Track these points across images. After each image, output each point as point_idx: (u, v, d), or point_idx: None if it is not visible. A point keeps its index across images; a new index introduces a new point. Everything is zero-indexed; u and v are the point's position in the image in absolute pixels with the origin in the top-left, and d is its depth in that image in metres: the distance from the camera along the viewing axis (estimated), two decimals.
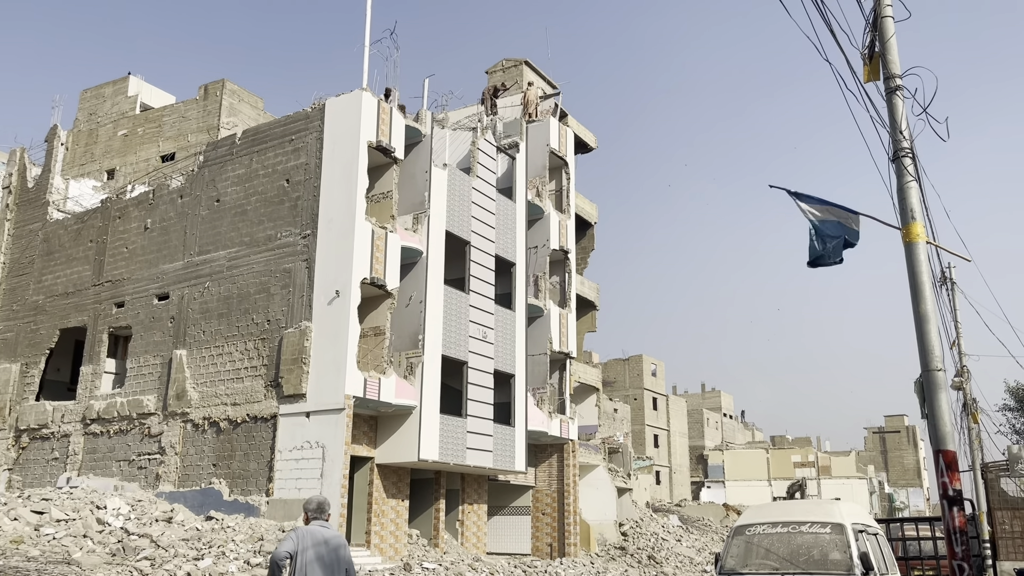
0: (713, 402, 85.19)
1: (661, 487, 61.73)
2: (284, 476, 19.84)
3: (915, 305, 7.37)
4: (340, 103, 21.87)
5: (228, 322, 22.34)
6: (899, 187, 7.69)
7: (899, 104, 7.73)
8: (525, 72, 31.74)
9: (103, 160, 33.51)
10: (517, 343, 25.17)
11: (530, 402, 25.52)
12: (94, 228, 26.77)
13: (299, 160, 22.21)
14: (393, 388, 20.49)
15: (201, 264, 23.47)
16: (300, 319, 20.81)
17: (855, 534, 9.60)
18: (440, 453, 21.24)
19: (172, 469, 22.04)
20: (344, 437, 19.27)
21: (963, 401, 22.49)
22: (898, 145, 7.68)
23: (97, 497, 20.30)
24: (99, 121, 34.56)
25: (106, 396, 24.42)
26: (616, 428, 48.58)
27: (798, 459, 73.28)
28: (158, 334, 23.81)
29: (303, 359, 20.30)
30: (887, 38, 7.91)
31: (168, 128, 32.13)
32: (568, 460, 27.35)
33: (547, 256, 27.54)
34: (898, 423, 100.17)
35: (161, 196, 25.32)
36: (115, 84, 35.10)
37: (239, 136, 24.03)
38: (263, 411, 20.82)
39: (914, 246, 7.44)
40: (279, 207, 22.27)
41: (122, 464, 23.24)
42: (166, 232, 24.72)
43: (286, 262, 21.63)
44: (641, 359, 63.66)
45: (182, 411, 22.37)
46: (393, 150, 21.87)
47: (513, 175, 26.64)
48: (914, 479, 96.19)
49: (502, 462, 23.57)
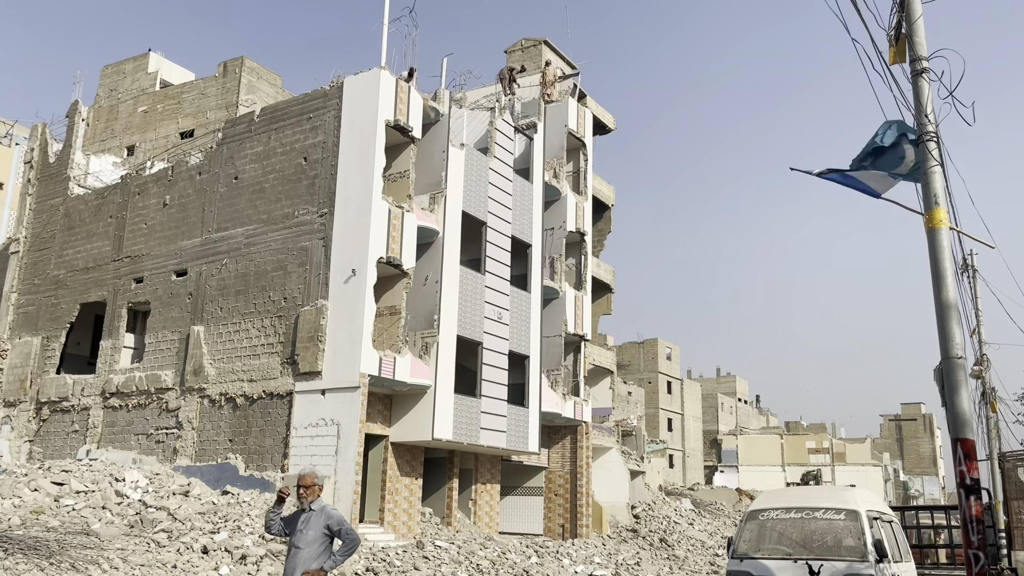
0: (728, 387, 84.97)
1: (674, 471, 61.80)
2: (299, 453, 19.99)
3: (937, 292, 7.27)
4: (358, 81, 21.80)
5: (245, 299, 22.46)
6: (923, 171, 7.59)
7: (925, 87, 7.60)
8: (544, 52, 31.49)
9: (123, 136, 33.65)
10: (532, 325, 25.15)
11: (544, 384, 25.53)
12: (114, 204, 26.92)
13: (317, 138, 22.19)
14: (408, 367, 20.55)
15: (219, 241, 23.58)
16: (316, 297, 20.88)
17: (870, 521, 9.56)
18: (454, 432, 21.33)
19: (189, 444, 22.26)
20: (359, 415, 19.37)
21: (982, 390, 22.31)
22: (923, 129, 7.55)
23: (116, 470, 20.58)
24: (119, 97, 34.68)
25: (125, 371, 24.67)
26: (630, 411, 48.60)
27: (813, 445, 73.07)
28: (176, 310, 23.98)
29: (319, 337, 20.38)
30: (914, 19, 7.75)
31: (187, 105, 32.19)
32: (581, 442, 27.39)
33: (563, 238, 27.44)
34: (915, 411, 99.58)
35: (180, 173, 25.41)
36: (135, 60, 35.18)
37: (257, 114, 24.02)
38: (279, 388, 20.96)
39: (937, 232, 7.34)
40: (296, 185, 22.29)
41: (140, 438, 23.50)
42: (184, 209, 24.83)
43: (303, 240, 21.68)
44: (656, 343, 63.53)
45: (199, 387, 22.56)
46: (410, 129, 21.80)
47: (530, 156, 26.50)
48: (930, 467, 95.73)
49: (515, 443, 23.64)
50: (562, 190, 27.70)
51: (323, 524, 6.94)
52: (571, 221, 27.78)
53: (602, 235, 34.92)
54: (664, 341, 64.39)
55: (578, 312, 27.59)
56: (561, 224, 27.53)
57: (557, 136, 28.21)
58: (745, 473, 70.97)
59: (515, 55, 31.78)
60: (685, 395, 66.57)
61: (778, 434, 77.20)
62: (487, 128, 24.71)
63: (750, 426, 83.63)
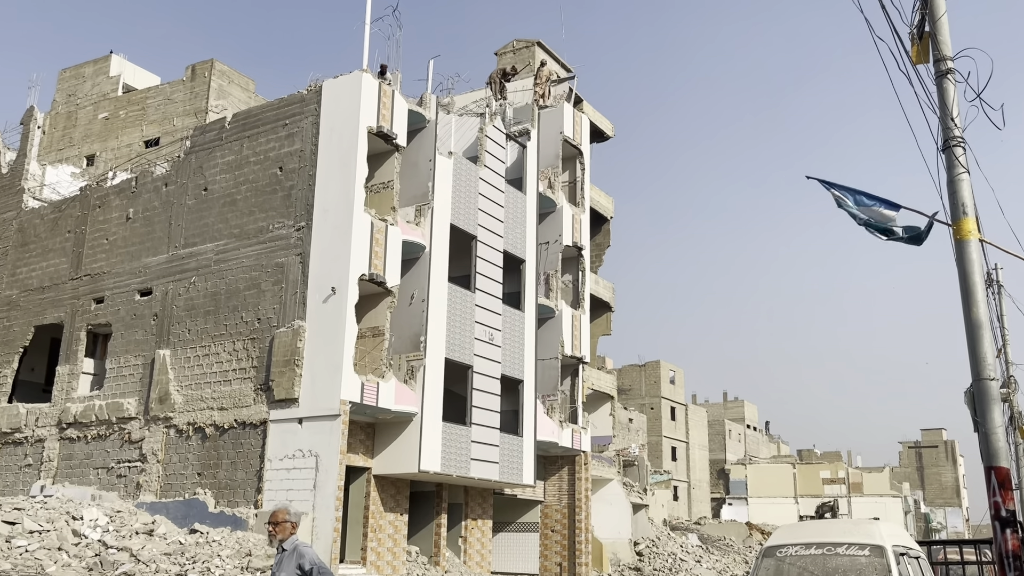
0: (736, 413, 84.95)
1: (679, 503, 61.62)
2: (274, 487, 19.84)
3: (966, 309, 7.28)
4: (338, 85, 21.85)
5: (215, 320, 22.36)
6: (949, 179, 7.62)
7: (950, 89, 7.65)
8: (537, 53, 31.69)
9: (82, 145, 33.57)
10: (526, 346, 25.13)
11: (539, 410, 25.47)
12: (72, 218, 26.81)
13: (293, 146, 22.22)
14: (392, 393, 20.47)
15: (187, 257, 23.50)
16: (293, 318, 20.82)
17: (896, 557, 9.51)
18: (442, 464, 21.21)
19: (154, 478, 22.07)
20: (339, 445, 19.25)
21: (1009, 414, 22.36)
22: (949, 133, 7.59)
23: (73, 507, 20.32)
24: (79, 103, 34.63)
25: (84, 399, 24.48)
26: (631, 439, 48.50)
27: (827, 475, 73.05)
28: (140, 332, 23.85)
29: (296, 361, 20.30)
30: (938, 17, 7.83)
31: (152, 111, 32.18)
32: (580, 473, 27.29)
33: (559, 253, 27.49)
34: (936, 437, 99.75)
35: (144, 184, 25.36)
36: (96, 63, 35.18)
37: (229, 120, 24.04)
38: (252, 416, 20.83)
39: (966, 244, 7.36)
40: (271, 197, 22.27)
41: (100, 472, 23.29)
42: (149, 223, 24.76)
43: (278, 256, 21.63)
44: (659, 365, 63.54)
45: (165, 416, 22.40)
46: (395, 136, 21.85)
47: (523, 165, 26.58)
48: (952, 498, 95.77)
49: (509, 475, 23.53)
50: (557, 201, 27.78)
51: (295, 564, 6.84)
52: (567, 235, 27.84)
53: (600, 250, 35.01)
54: (667, 364, 64.40)
55: (575, 333, 27.59)
56: (557, 238, 27.59)
57: (552, 144, 28.33)
58: (755, 505, 70.82)
59: (507, 57, 31.96)
60: (690, 422, 66.53)
61: (790, 463, 77.13)
62: (477, 135, 24.80)
63: (760, 455, 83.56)
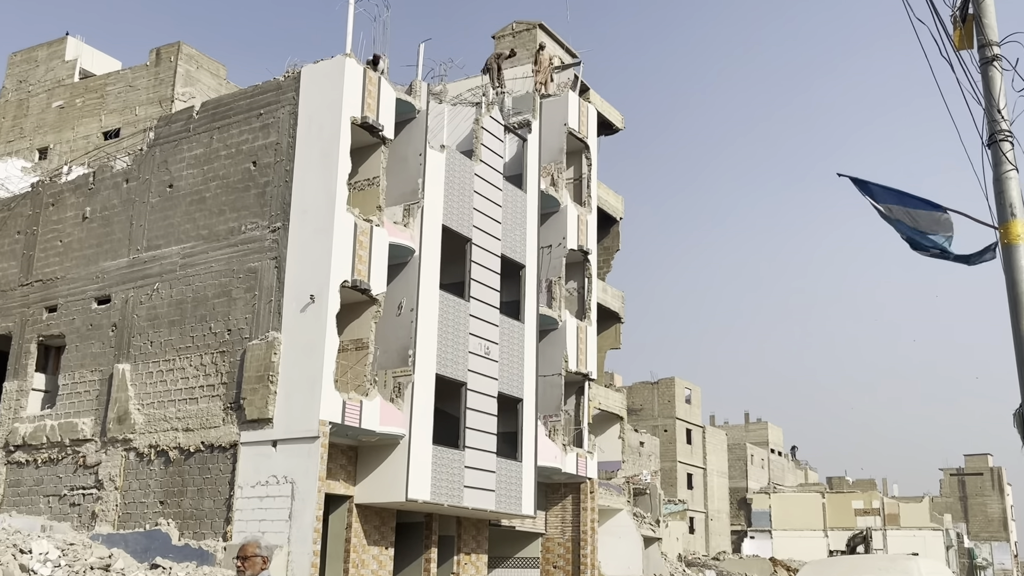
0: (759, 435, 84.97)
1: (696, 536, 61.55)
2: (245, 517, 19.79)
3: (1015, 320, 7.30)
4: (318, 71, 21.89)
5: (181, 331, 22.36)
6: (996, 177, 7.65)
7: (996, 77, 7.69)
8: (539, 37, 31.80)
9: (34, 136, 33.60)
10: (526, 361, 25.13)
11: (541, 432, 25.46)
12: (22, 217, 26.83)
13: (268, 139, 22.25)
14: (377, 413, 20.45)
15: (150, 262, 23.50)
16: (267, 329, 20.81)
17: None
18: (432, 492, 21.19)
19: (111, 507, 22.02)
20: (318, 471, 19.23)
21: None
22: (995, 127, 7.63)
23: (21, 539, 20.26)
24: (30, 90, 34.68)
25: (33, 418, 24.45)
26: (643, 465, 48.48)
27: (860, 505, 73.05)
28: (97, 345, 23.84)
29: (270, 377, 20.29)
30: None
31: (112, 99, 32.22)
32: (585, 503, 27.28)
33: (563, 257, 27.52)
34: (980, 463, 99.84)
35: (103, 180, 25.37)
36: (50, 46, 35.24)
37: (197, 110, 24.07)
38: (221, 438, 20.80)
39: (1014, 249, 7.38)
40: (244, 195, 22.30)
41: (51, 500, 23.23)
42: (108, 223, 24.77)
43: (251, 260, 21.64)
44: (673, 382, 63.59)
45: (124, 437, 22.37)
46: (381, 128, 21.88)
47: (524, 160, 26.64)
48: (999, 531, 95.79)
49: (506, 504, 23.51)
50: (561, 200, 27.82)
51: None
52: (572, 237, 27.87)
53: (609, 254, 35.04)
54: (683, 381, 64.46)
55: (581, 346, 27.59)
56: (560, 241, 27.61)
57: (555, 136, 28.37)
58: (780, 539, 70.76)
59: (505, 41, 32.07)
60: (708, 446, 66.52)
61: (819, 492, 77.15)
62: (472, 127, 24.84)
63: (785, 482, 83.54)
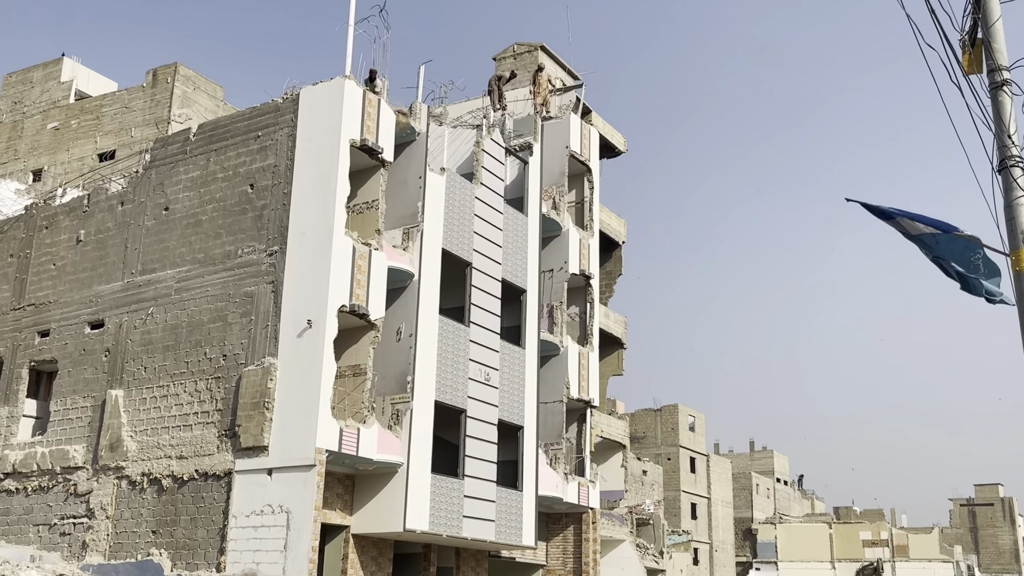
0: (764, 464, 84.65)
1: (700, 568, 61.15)
2: (239, 547, 19.71)
3: None
4: (317, 93, 21.99)
5: (175, 357, 22.33)
6: (1006, 204, 7.68)
7: (1007, 102, 7.72)
8: (541, 59, 31.94)
9: (29, 158, 33.70)
10: (527, 388, 25.07)
11: (542, 461, 25.36)
12: (15, 240, 26.87)
13: (266, 161, 22.31)
14: (375, 441, 20.39)
15: (144, 286, 23.50)
16: (263, 354, 20.79)
17: None
18: (431, 522, 21.08)
19: (102, 536, 21.94)
20: (314, 500, 19.14)
21: None
22: (1005, 152, 7.64)
23: (9, 569, 20.16)
24: (25, 111, 34.83)
25: (24, 445, 24.39)
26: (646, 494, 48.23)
27: (868, 536, 72.75)
28: (90, 370, 23.80)
29: (265, 403, 20.24)
30: (991, 22, 7.91)
31: (108, 121, 32.34)
32: (587, 533, 27.15)
33: (565, 282, 27.50)
34: (991, 494, 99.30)
35: (97, 202, 25.43)
36: (46, 67, 35.42)
37: (194, 131, 24.16)
38: (215, 467, 20.73)
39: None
40: (241, 218, 22.33)
41: (41, 529, 23.13)
42: (103, 246, 24.80)
43: (248, 284, 21.64)
44: (676, 410, 63.41)
45: (116, 465, 22.30)
46: (380, 151, 21.94)
47: (525, 183, 26.70)
48: (1011, 563, 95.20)
49: (506, 534, 23.38)
50: (563, 224, 27.84)
51: None
52: (574, 262, 27.87)
53: (611, 278, 35.04)
54: (686, 408, 64.29)
55: (583, 372, 27.52)
56: (562, 265, 27.61)
57: (557, 159, 28.44)
58: (786, 570, 70.43)
59: (506, 63, 32.21)
60: (712, 475, 66.25)
61: (826, 522, 76.74)
62: (473, 149, 24.92)
63: (791, 512, 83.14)
